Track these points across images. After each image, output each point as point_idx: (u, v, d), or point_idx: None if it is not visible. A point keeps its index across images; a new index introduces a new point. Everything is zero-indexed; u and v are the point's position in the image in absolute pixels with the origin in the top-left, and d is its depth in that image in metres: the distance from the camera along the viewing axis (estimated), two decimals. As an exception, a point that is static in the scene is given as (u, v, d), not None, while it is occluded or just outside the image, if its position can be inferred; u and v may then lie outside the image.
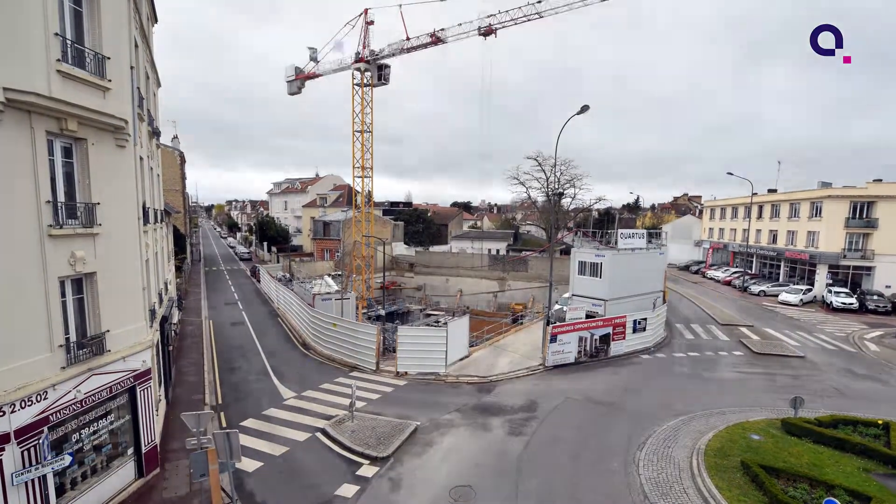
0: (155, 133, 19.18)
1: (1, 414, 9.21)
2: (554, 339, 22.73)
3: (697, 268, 60.27)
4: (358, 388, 18.21)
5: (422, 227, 69.32)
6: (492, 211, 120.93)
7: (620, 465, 13.92)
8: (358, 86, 35.92)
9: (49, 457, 10.01)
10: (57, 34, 9.59)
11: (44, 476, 10.04)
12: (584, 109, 22.53)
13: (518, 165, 77.40)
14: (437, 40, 32.78)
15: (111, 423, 12.20)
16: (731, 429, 15.77)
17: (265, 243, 74.10)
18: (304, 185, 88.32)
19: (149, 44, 17.74)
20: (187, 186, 58.03)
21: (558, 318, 25.42)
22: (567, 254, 39.55)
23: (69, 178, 10.82)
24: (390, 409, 17.95)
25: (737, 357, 24.74)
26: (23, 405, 9.59)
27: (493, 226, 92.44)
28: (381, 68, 35.69)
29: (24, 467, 9.59)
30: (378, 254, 44.02)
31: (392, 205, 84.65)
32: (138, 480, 12.96)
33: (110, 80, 11.01)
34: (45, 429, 10.08)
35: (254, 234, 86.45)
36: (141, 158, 14.28)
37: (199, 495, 12.33)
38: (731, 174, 49.42)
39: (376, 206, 57.24)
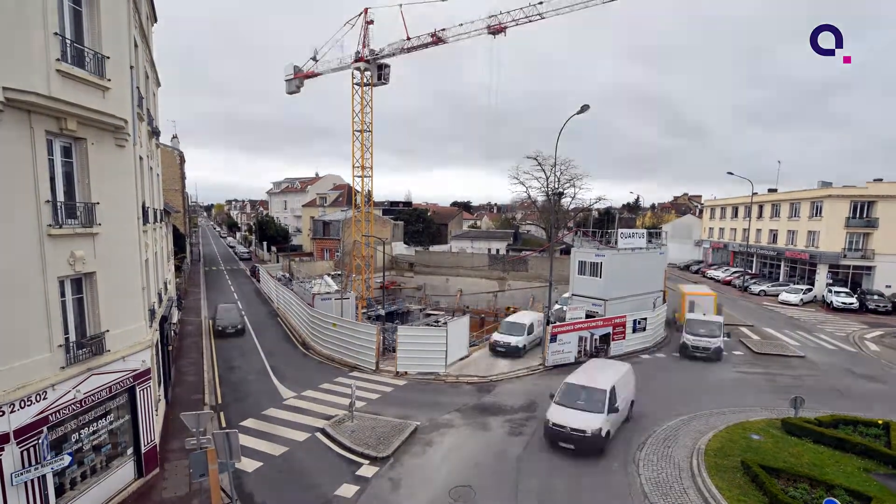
0: (154, 133, 19.18)
1: (0, 414, 9.20)
2: (554, 338, 22.73)
3: (698, 267, 60.25)
4: (358, 387, 18.23)
5: (422, 226, 69.31)
6: (492, 210, 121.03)
7: (620, 465, 13.92)
8: (358, 85, 35.89)
9: (48, 457, 10.00)
10: (56, 34, 9.57)
11: (43, 476, 10.02)
12: (584, 109, 22.51)
13: (518, 165, 77.37)
14: (437, 40, 32.74)
15: (111, 423, 12.19)
16: (732, 429, 15.76)
17: (265, 243, 74.10)
18: (304, 184, 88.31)
19: (148, 43, 17.73)
20: (187, 186, 58.00)
21: (558, 317, 25.41)
22: (567, 253, 39.53)
23: (69, 178, 10.81)
24: (390, 409, 17.94)
25: (737, 357, 24.73)
26: (22, 405, 9.57)
27: (492, 225, 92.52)
28: (380, 68, 35.66)
29: (23, 467, 9.58)
30: (378, 253, 43.98)
31: (392, 204, 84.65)
32: (138, 480, 12.96)
33: (110, 80, 10.98)
34: (45, 429, 10.06)
35: (253, 234, 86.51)
36: (141, 158, 14.28)
37: (199, 495, 12.35)
38: (731, 174, 49.46)
39: (376, 205, 57.16)
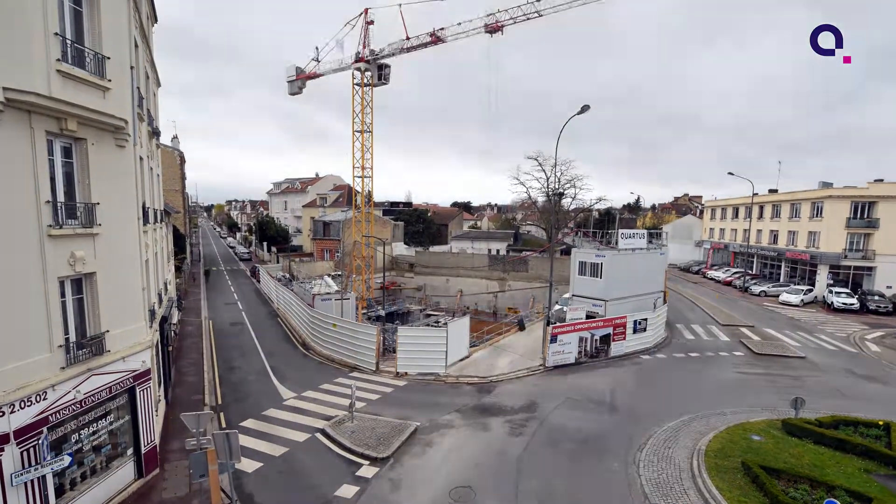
0: (155, 133, 19.18)
1: (0, 414, 9.20)
2: (554, 339, 22.72)
3: (698, 268, 60.17)
4: (358, 388, 18.22)
5: (422, 227, 69.26)
6: (492, 211, 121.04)
7: (621, 466, 13.91)
8: (358, 86, 35.90)
9: (48, 457, 10.00)
10: (57, 34, 9.57)
11: (43, 476, 10.02)
12: (585, 109, 22.50)
13: (518, 165, 77.37)
14: (437, 39, 32.76)
15: (111, 423, 12.19)
16: (732, 429, 15.75)
17: (265, 243, 74.07)
18: (304, 185, 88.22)
19: (149, 44, 17.73)
20: (187, 186, 57.95)
21: (558, 318, 25.40)
22: (567, 254, 39.50)
23: (69, 178, 10.81)
24: (390, 409, 17.93)
25: (737, 357, 24.71)
26: (22, 405, 9.57)
27: (493, 226, 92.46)
28: (381, 68, 35.67)
29: (23, 468, 9.58)
30: (378, 254, 43.98)
31: (392, 205, 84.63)
32: (138, 481, 12.95)
33: (110, 80, 10.99)
34: (45, 429, 10.07)
35: (254, 234, 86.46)
36: (141, 158, 14.28)
37: (199, 496, 12.35)
38: (732, 174, 49.48)
39: (376, 206, 57.19)
